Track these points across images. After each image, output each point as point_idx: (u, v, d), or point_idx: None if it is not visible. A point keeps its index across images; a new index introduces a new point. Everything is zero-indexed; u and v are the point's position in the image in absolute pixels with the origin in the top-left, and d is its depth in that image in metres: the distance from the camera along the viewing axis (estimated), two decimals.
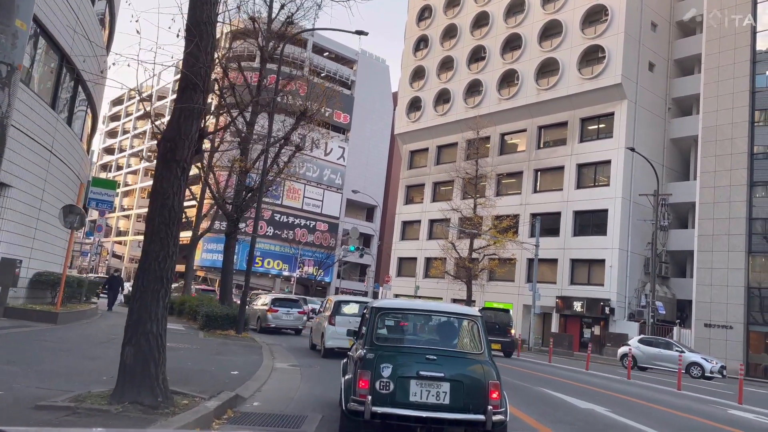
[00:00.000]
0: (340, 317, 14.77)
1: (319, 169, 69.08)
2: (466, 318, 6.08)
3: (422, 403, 5.23)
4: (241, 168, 20.44)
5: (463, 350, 5.85)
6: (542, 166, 38.60)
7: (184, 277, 27.00)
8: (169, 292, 6.12)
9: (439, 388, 5.29)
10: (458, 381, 5.33)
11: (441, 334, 6.26)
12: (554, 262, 36.31)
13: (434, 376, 5.28)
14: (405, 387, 5.27)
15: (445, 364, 5.41)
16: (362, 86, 72.78)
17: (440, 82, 45.01)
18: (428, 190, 45.38)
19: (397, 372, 5.30)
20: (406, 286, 43.77)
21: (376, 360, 5.38)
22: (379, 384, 5.25)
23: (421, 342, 6.13)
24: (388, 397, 5.23)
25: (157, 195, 6.09)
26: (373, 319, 5.91)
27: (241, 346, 14.88)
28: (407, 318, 6.57)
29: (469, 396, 5.30)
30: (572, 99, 36.85)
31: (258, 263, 65.46)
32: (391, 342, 6.05)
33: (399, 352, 5.63)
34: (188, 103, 6.07)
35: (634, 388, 14.44)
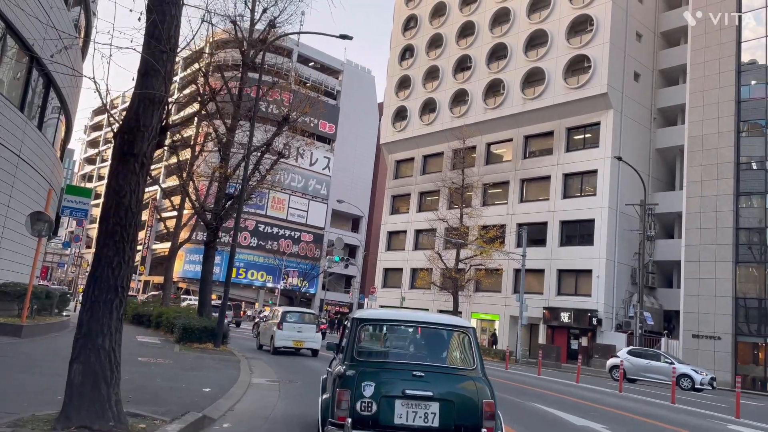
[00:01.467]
0: (286, 323, 19.01)
1: (304, 179, 68.38)
2: (457, 330, 5.39)
3: (409, 425, 4.64)
4: (222, 175, 19.72)
5: (454, 366, 5.23)
6: (528, 175, 38.27)
7: (163, 289, 26.08)
8: (125, 302, 5.44)
9: (428, 409, 4.70)
10: (449, 400, 4.75)
11: (429, 347, 5.61)
12: (541, 272, 35.87)
13: (422, 395, 4.69)
14: (389, 408, 4.66)
15: (433, 381, 4.82)
16: (348, 96, 72.42)
17: (426, 92, 44.67)
18: (414, 200, 44.86)
19: (381, 391, 4.69)
20: (391, 297, 43.08)
21: (357, 377, 4.74)
22: (360, 405, 4.63)
23: (407, 357, 5.52)
24: (370, 419, 4.61)
25: (112, 193, 5.43)
26: (355, 331, 5.23)
27: (218, 361, 14.12)
28: (392, 330, 5.94)
29: (461, 417, 4.70)
30: (558, 108, 36.63)
31: (242, 275, 64.49)
32: (374, 357, 5.42)
33: (383, 369, 4.99)
34: (148, 90, 5.43)
35: (627, 402, 13.89)
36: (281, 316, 19.11)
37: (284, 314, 19.26)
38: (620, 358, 22.40)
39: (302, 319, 19.60)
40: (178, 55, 9.83)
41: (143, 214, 76.86)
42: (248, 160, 18.36)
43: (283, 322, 18.91)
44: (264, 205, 65.16)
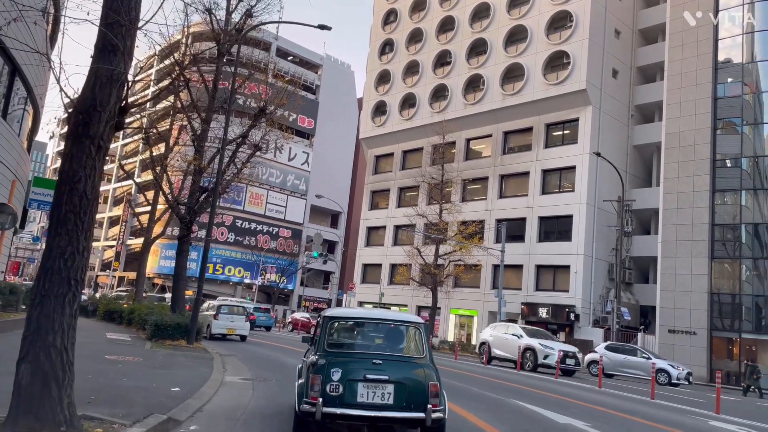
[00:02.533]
0: (221, 314, 22.44)
1: (282, 175, 67.64)
2: (410, 325, 6.44)
3: (368, 403, 5.63)
4: (196, 168, 19.15)
5: (407, 355, 6.20)
6: (507, 171, 38.18)
7: (136, 285, 25.38)
8: (79, 296, 4.99)
9: (384, 390, 5.68)
10: (401, 383, 5.72)
11: (387, 340, 6.52)
12: (519, 268, 35.83)
13: (379, 378, 5.68)
14: (353, 389, 5.64)
15: (389, 367, 5.79)
16: (327, 91, 71.78)
17: (406, 87, 44.32)
18: (393, 195, 44.53)
19: (346, 376, 5.67)
20: (371, 293, 42.74)
21: (327, 365, 5.74)
22: (329, 387, 5.63)
23: (368, 348, 6.39)
24: (337, 398, 5.60)
25: (65, 178, 4.98)
26: (325, 327, 6.25)
27: (190, 358, 13.64)
28: (356, 325, 6.87)
29: (411, 396, 5.70)
30: (537, 104, 36.57)
31: (219, 271, 63.60)
32: (341, 348, 6.30)
33: (348, 358, 6.00)
34: (106, 66, 4.99)
35: (607, 398, 13.73)
36: (217, 308, 22.87)
37: (219, 307, 23.04)
38: (599, 354, 22.32)
39: (234, 311, 23.29)
40: (155, 48, 9.23)
41: (117, 209, 75.52)
42: (223, 151, 17.82)
43: (219, 314, 22.43)
44: (242, 201, 64.28)
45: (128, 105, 5.31)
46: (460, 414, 8.64)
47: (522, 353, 21.48)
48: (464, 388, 12.71)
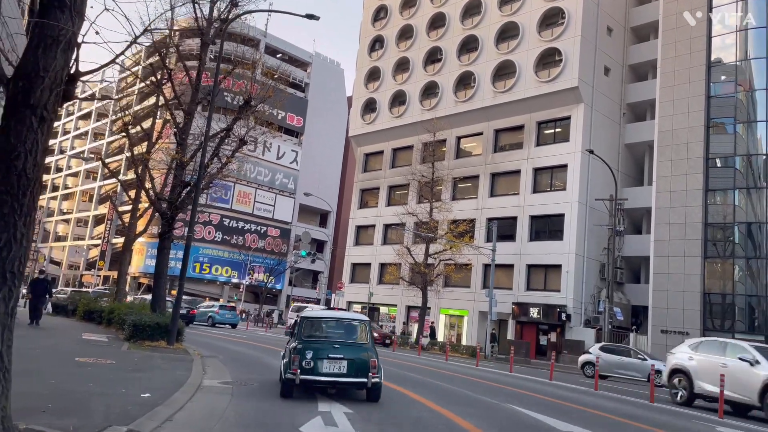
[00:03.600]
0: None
1: (271, 173, 66.76)
2: (358, 322, 9.82)
3: (330, 373, 8.62)
4: (178, 162, 18.35)
5: (356, 341, 9.30)
6: (498, 170, 37.64)
7: (117, 283, 24.52)
8: (16, 291, 4.27)
9: (340, 364, 8.65)
10: (352, 360, 8.68)
11: (343, 331, 9.62)
12: (510, 267, 35.28)
13: (337, 357, 8.67)
14: (320, 364, 8.58)
15: (344, 350, 8.83)
16: (316, 89, 71.00)
17: (396, 84, 43.66)
18: (383, 193, 43.85)
19: (316, 355, 8.63)
20: (359, 293, 42.04)
21: (303, 349, 8.72)
22: (304, 363, 8.53)
23: (330, 337, 9.51)
24: (310, 370, 8.54)
25: (1, 154, 4.24)
26: (302, 323, 9.46)
27: (168, 360, 12.88)
28: (322, 322, 9.95)
29: (358, 368, 8.64)
30: (529, 102, 36.06)
31: (206, 270, 62.63)
32: (313, 337, 9.35)
33: (317, 344, 9.03)
34: (51, 26, 4.26)
35: (606, 402, 13.14)
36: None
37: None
38: (594, 355, 21.72)
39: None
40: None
41: (102, 208, 74.21)
42: (206, 144, 17.05)
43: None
44: (229, 199, 63.35)
45: (78, 72, 4.59)
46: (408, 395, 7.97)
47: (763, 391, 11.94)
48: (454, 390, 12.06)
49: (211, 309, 36.23)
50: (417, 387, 12.20)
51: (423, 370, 17.26)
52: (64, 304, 27.19)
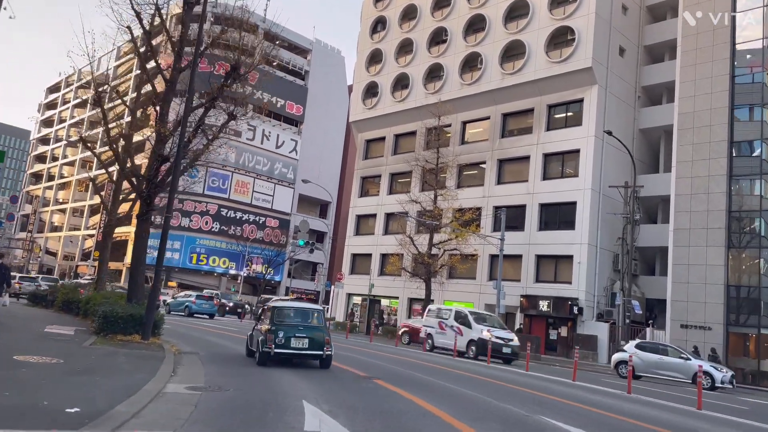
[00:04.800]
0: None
1: (269, 163, 64.66)
2: (315, 310, 13.05)
3: (297, 347, 11.72)
4: (157, 134, 16.22)
5: (315, 325, 12.40)
6: (506, 156, 35.51)
7: (98, 272, 22.48)
8: None
9: (304, 341, 11.76)
10: (312, 338, 11.85)
11: (305, 317, 12.58)
12: (518, 258, 33.20)
13: (302, 336, 11.80)
14: (289, 341, 11.64)
15: (306, 331, 11.99)
16: (317, 77, 68.77)
17: (399, 67, 41.44)
18: (385, 181, 41.72)
19: (286, 335, 11.65)
20: (360, 285, 39.99)
21: (276, 330, 11.68)
22: (277, 340, 11.54)
23: (296, 321, 12.35)
24: (282, 345, 11.57)
25: None
26: (274, 311, 12.41)
27: (134, 358, 10.84)
28: (289, 310, 12.75)
29: (316, 344, 11.82)
30: (539, 84, 33.88)
31: (203, 261, 60.62)
32: (283, 322, 12.10)
33: (286, 326, 11.94)
34: None
35: (650, 410, 11.07)
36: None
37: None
38: (628, 353, 19.37)
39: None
40: None
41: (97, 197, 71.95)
42: (187, 113, 14.92)
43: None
44: (227, 189, 61.37)
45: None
46: None
47: None
48: None
49: (188, 299, 34.75)
50: (426, 391, 10.18)
51: (430, 369, 15.21)
52: (44, 294, 25.23)
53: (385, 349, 22.18)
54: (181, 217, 59.38)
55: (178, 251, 59.84)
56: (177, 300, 35.25)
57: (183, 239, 59.69)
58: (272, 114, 65.48)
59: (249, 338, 13.43)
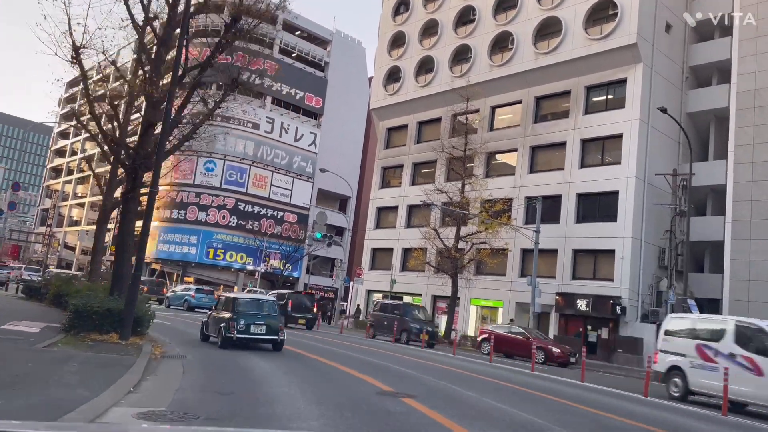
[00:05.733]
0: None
1: (288, 156, 62.26)
2: (269, 301, 14.89)
3: (255, 333, 13.30)
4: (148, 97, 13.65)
5: (270, 314, 13.95)
6: (540, 142, 32.46)
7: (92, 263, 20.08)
8: None
9: (261, 328, 13.33)
10: (268, 325, 13.44)
11: (261, 307, 14.17)
12: (553, 253, 30.15)
13: (259, 323, 13.37)
14: (249, 328, 13.20)
15: (263, 319, 13.56)
16: (337, 69, 66.16)
17: (422, 49, 38.57)
18: (407, 171, 38.90)
19: (246, 322, 13.22)
20: (380, 281, 37.25)
21: (237, 318, 13.24)
22: (238, 326, 13.07)
23: (254, 310, 13.91)
24: (242, 331, 13.11)
25: None
26: (234, 301, 13.98)
27: (93, 365, 8.26)
28: (247, 301, 14.58)
29: (272, 330, 13.44)
30: (577, 64, 30.79)
31: (219, 256, 58.42)
32: (243, 311, 13.60)
33: (246, 315, 13.50)
34: None
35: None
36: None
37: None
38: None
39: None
40: None
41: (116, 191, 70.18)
42: (177, 69, 12.31)
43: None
44: (245, 182, 59.14)
45: None
46: None
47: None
48: None
49: (187, 293, 32.73)
50: (477, 418, 7.41)
51: (471, 380, 12.41)
52: (38, 287, 23.05)
53: (464, 366, 16.81)
54: (198, 211, 57.34)
55: (194, 246, 57.80)
56: (176, 294, 33.77)
57: (200, 233, 57.61)
58: (291, 106, 63.17)
59: (204, 324, 15.09)
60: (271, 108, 61.42)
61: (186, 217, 57.40)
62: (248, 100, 60.96)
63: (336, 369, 11.64)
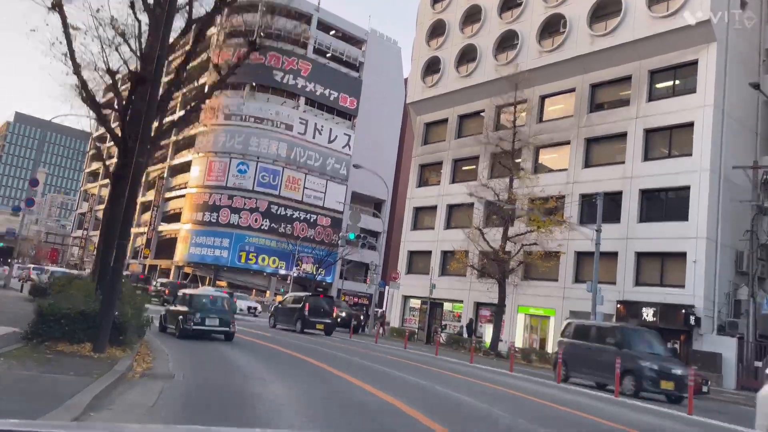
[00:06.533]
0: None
1: (321, 158, 59.86)
2: (222, 297, 16.95)
3: (211, 325, 15.20)
4: (142, 51, 10.97)
5: (222, 309, 15.93)
6: (596, 133, 28.97)
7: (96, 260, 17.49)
8: None
9: (215, 321, 15.27)
10: (221, 318, 15.40)
11: (215, 303, 16.02)
12: (613, 256, 26.53)
13: (213, 317, 15.27)
14: (204, 320, 15.09)
15: (216, 313, 15.51)
16: (371, 69, 63.59)
17: (464, 38, 35.46)
18: (447, 169, 35.74)
19: (202, 315, 15.12)
20: (417, 285, 34.14)
21: (194, 312, 15.13)
22: (195, 319, 14.98)
23: (208, 305, 15.69)
24: (198, 324, 15.01)
25: None
26: (192, 298, 15.77)
27: (16, 393, 5.45)
28: (202, 298, 16.12)
29: (224, 323, 15.36)
30: (639, 45, 27.27)
31: (252, 260, 56.26)
32: (198, 306, 15.43)
33: (201, 309, 15.32)
34: None
35: None
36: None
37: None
38: None
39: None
40: None
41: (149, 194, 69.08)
42: None
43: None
44: (278, 185, 56.96)
45: None
46: None
47: None
48: None
49: None
50: None
51: (539, 410, 9.24)
52: (44, 288, 20.86)
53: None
54: (231, 213, 55.39)
55: (226, 249, 55.79)
56: None
57: (232, 236, 55.57)
58: (325, 107, 60.85)
59: (163, 317, 16.96)
60: (304, 109, 59.22)
61: (218, 219, 55.47)
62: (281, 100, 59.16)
63: None
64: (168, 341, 13.84)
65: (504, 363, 20.97)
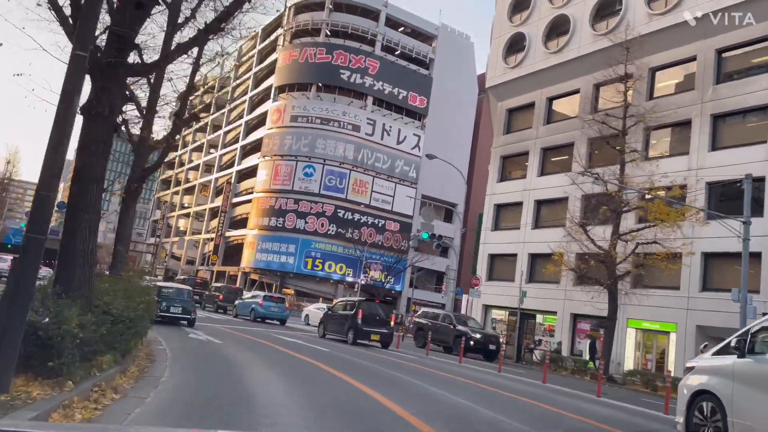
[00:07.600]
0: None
1: (390, 160, 55.91)
2: (187, 290, 19.76)
3: (175, 312, 18.09)
4: None
5: (185, 299, 18.68)
6: (725, 108, 23.21)
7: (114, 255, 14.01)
8: None
9: (179, 309, 18.21)
10: (184, 307, 18.32)
11: (179, 294, 18.90)
12: (755, 257, 20.66)
13: (177, 306, 18.24)
14: (169, 308, 17.89)
15: (180, 303, 18.39)
16: (442, 66, 59.20)
17: (553, 8, 30.41)
18: (534, 159, 30.64)
19: (167, 305, 17.83)
20: (500, 294, 29.21)
21: (161, 301, 16.94)
22: (161, 307, 16.79)
23: (173, 296, 18.59)
24: (165, 311, 17.55)
25: None
26: (159, 289, 18.00)
27: None
28: (169, 288, 19.53)
29: (187, 311, 18.30)
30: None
31: (318, 266, 52.82)
32: (165, 296, 18.10)
33: (166, 298, 18.08)
34: None
35: None
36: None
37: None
38: None
39: None
40: None
41: (218, 200, 67.52)
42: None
43: None
44: (344, 188, 53.44)
45: None
46: None
47: None
48: None
49: (254, 300, 27.83)
50: None
51: None
52: None
53: None
54: (296, 218, 52.34)
55: (293, 255, 52.67)
56: (243, 302, 28.88)
57: (298, 242, 52.43)
58: (393, 106, 57.02)
59: None
60: (372, 109, 55.63)
61: (284, 224, 52.56)
62: (348, 100, 55.92)
63: None
64: (172, 353, 9.91)
65: (627, 393, 15.82)
